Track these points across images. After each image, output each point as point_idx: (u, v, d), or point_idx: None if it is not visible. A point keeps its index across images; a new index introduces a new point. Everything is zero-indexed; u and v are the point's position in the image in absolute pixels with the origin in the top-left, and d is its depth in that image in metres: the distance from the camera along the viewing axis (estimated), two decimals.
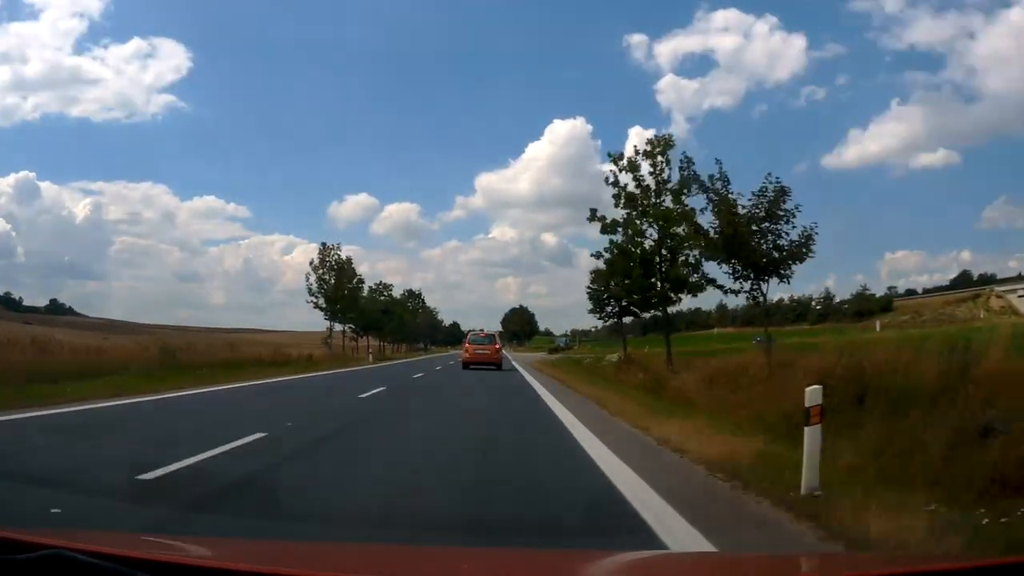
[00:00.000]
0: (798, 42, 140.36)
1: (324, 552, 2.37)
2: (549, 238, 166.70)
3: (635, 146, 22.02)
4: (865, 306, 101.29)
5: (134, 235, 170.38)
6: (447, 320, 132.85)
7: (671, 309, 24.05)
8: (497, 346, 30.98)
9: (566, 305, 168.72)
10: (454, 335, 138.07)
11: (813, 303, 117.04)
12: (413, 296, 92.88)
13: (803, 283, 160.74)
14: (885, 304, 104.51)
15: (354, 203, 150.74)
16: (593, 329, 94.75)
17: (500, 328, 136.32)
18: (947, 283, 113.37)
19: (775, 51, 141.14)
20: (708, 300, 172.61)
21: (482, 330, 35.13)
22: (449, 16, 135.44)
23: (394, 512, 4.86)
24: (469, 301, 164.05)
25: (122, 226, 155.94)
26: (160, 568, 1.55)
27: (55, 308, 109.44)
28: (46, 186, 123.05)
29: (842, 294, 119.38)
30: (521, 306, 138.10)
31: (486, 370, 27.91)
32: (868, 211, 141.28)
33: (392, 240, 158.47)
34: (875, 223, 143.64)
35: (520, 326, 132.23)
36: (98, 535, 2.22)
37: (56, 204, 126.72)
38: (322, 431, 9.43)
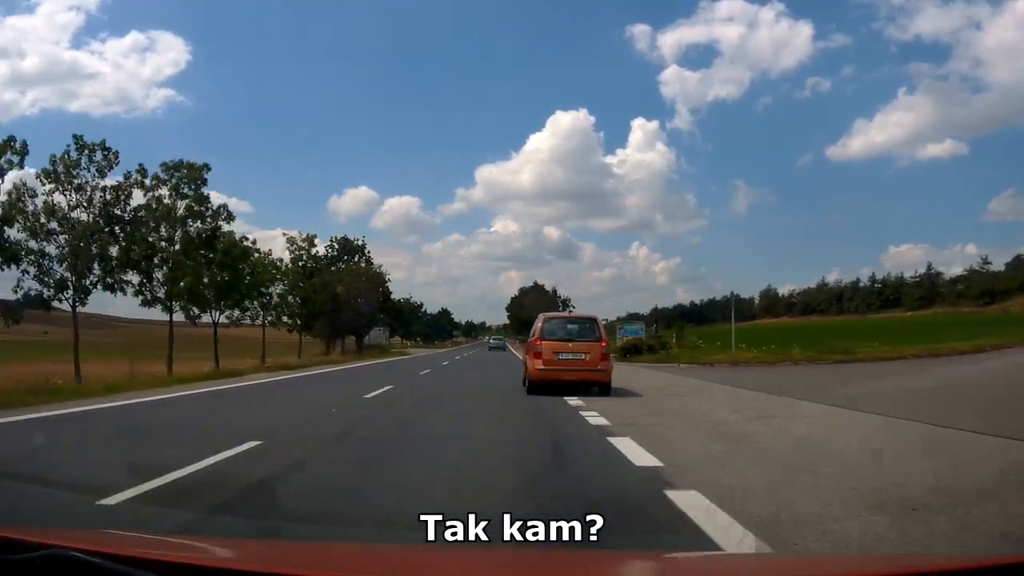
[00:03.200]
0: (803, 33, 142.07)
1: (326, 552, 2.38)
2: (552, 231, 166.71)
3: None
4: (999, 284, 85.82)
5: None
6: (428, 302, 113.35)
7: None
8: (603, 344, 14.49)
9: (571, 299, 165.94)
10: (439, 326, 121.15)
11: (908, 282, 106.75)
12: (349, 250, 56.95)
13: (803, 277, 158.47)
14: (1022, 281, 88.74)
15: (354, 196, 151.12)
16: (605, 321, 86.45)
17: (507, 320, 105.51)
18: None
19: (780, 42, 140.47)
20: (747, 286, 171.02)
21: (571, 309, 17.00)
22: (450, 5, 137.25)
23: None
24: (472, 295, 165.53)
25: None
26: (160, 567, 1.55)
27: (27, 302, 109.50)
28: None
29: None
30: (536, 283, 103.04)
31: None
32: (872, 203, 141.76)
33: (393, 234, 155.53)
34: (879, 216, 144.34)
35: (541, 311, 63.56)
36: (97, 534, 2.25)
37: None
38: None
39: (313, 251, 47.77)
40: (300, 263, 45.79)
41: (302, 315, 43.52)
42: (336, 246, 57.07)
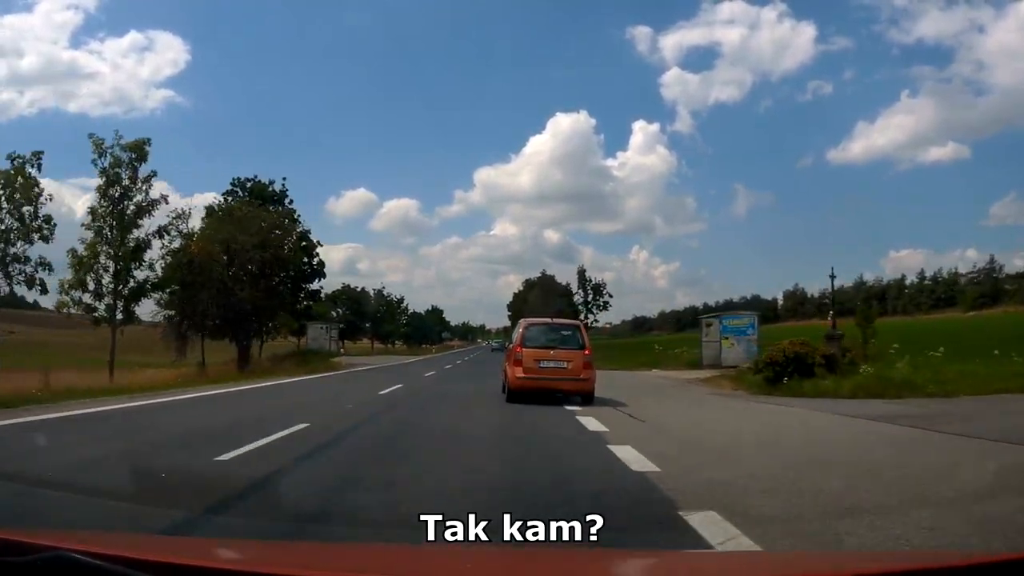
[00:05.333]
0: (805, 35, 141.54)
1: (324, 552, 2.42)
2: (551, 234, 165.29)
3: None
4: None
5: None
6: (426, 305, 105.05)
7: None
8: (587, 352, 13.83)
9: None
10: (426, 327, 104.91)
11: (963, 280, 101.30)
12: (262, 198, 36.64)
13: (803, 279, 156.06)
14: None
15: (352, 198, 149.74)
16: (595, 324, 78.02)
17: (507, 323, 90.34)
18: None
19: (781, 44, 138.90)
20: (745, 288, 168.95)
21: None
22: (450, 5, 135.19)
23: None
24: (470, 298, 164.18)
25: None
26: (161, 569, 1.56)
27: (14, 301, 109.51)
28: (44, 183, 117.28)
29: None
30: (545, 273, 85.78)
31: None
32: (874, 206, 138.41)
33: (392, 236, 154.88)
34: (880, 219, 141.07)
35: (550, 308, 53.70)
36: (98, 536, 2.28)
37: (55, 201, 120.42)
38: None
39: (145, 169, 24.78)
40: (112, 191, 24.10)
41: (117, 293, 23.91)
42: (241, 192, 37.88)
